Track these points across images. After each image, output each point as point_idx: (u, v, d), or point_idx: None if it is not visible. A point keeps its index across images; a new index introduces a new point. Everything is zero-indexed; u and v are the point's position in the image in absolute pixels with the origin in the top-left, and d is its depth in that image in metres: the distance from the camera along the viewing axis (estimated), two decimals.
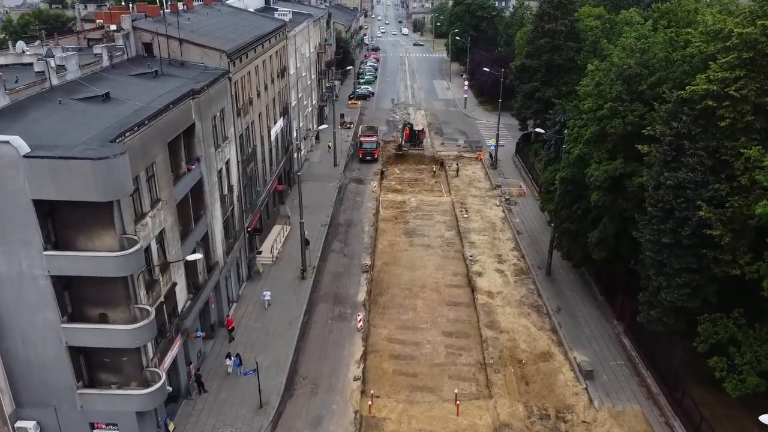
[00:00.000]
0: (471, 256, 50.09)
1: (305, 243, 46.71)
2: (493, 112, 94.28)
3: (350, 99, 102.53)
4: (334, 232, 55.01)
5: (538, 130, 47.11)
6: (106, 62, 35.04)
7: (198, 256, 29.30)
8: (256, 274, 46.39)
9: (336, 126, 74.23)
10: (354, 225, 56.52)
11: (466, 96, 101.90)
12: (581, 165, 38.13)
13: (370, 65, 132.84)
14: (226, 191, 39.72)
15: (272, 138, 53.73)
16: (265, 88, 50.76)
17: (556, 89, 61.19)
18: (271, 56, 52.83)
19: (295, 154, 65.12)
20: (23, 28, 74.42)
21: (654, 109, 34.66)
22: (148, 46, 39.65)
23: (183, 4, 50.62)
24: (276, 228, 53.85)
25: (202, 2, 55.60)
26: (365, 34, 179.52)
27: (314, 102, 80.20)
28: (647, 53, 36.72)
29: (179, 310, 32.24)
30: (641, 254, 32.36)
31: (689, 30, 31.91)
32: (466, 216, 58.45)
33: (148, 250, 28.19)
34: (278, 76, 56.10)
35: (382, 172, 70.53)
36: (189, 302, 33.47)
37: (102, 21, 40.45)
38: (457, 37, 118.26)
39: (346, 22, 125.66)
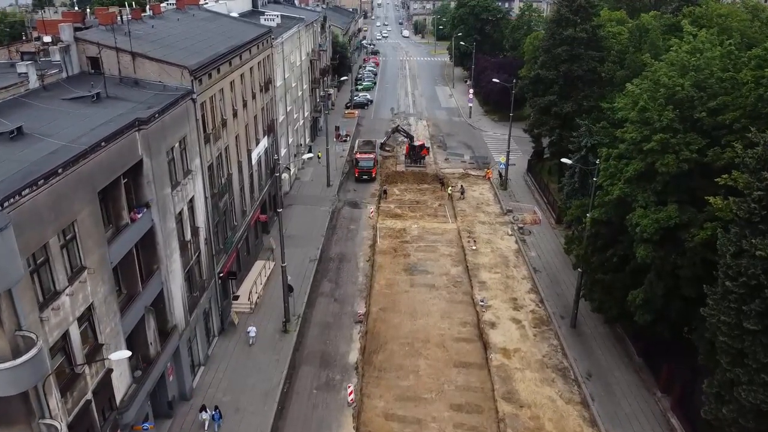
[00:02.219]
0: (482, 301, 43.18)
1: (288, 290, 39.84)
2: (500, 123, 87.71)
3: (347, 108, 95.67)
4: (324, 269, 48.11)
5: (565, 160, 40.14)
6: (34, 83, 28.20)
7: (124, 354, 22.32)
8: (231, 326, 39.53)
9: (330, 139, 67.45)
10: (347, 260, 49.60)
11: (470, 105, 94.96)
12: (621, 207, 31.26)
13: (369, 70, 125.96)
14: (188, 236, 32.86)
15: (253, 162, 46.87)
16: (244, 105, 43.91)
17: (576, 104, 54.29)
18: (252, 68, 45.98)
19: (283, 176, 58.41)
20: None
21: (716, 142, 27.94)
22: (95, 62, 32.79)
23: (149, 9, 44.01)
24: (258, 265, 46.98)
25: (174, 6, 48.79)
26: (364, 37, 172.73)
27: (306, 114, 73.39)
28: (702, 71, 29.88)
29: (118, 401, 25.38)
30: (705, 330, 25.54)
31: None
32: (474, 248, 51.56)
33: (65, 337, 21.40)
34: (262, 90, 49.27)
35: (380, 194, 63.59)
36: (133, 387, 26.60)
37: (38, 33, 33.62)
38: (462, 42, 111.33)
39: (343, 25, 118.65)
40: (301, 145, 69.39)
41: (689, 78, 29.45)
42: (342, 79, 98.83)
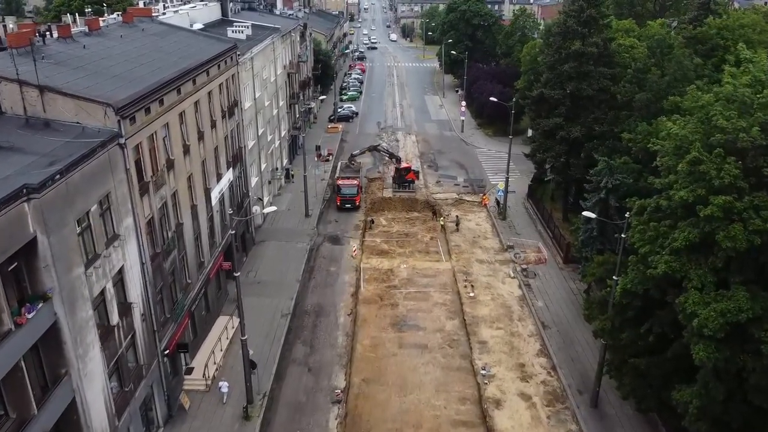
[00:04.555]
0: (484, 369, 36.50)
1: (250, 366, 32.93)
2: (496, 138, 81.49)
3: (330, 121, 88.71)
4: (298, 326, 41.15)
5: (588, 213, 33.31)
6: None
7: None
8: (181, 411, 32.56)
9: (310, 161, 60.51)
10: (325, 313, 42.68)
11: (463, 118, 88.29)
12: (665, 282, 24.64)
13: (355, 78, 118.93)
14: (115, 320, 25.88)
15: (214, 202, 39.87)
16: (201, 137, 36.98)
17: (585, 127, 47.76)
18: (211, 92, 39.08)
19: (255, 209, 51.48)
20: None
21: None
22: None
23: (86, 25, 37.03)
24: (220, 322, 40.02)
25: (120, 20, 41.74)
26: (350, 42, 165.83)
27: (284, 133, 66.36)
28: (765, 109, 23.40)
29: None
30: None
31: None
32: (472, 295, 44.84)
33: None
34: (225, 116, 42.35)
35: (365, 225, 56.81)
36: None
37: None
38: (453, 51, 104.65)
39: (327, 30, 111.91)
40: (277, 169, 62.41)
41: (754, 120, 22.92)
42: (321, 98, 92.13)
